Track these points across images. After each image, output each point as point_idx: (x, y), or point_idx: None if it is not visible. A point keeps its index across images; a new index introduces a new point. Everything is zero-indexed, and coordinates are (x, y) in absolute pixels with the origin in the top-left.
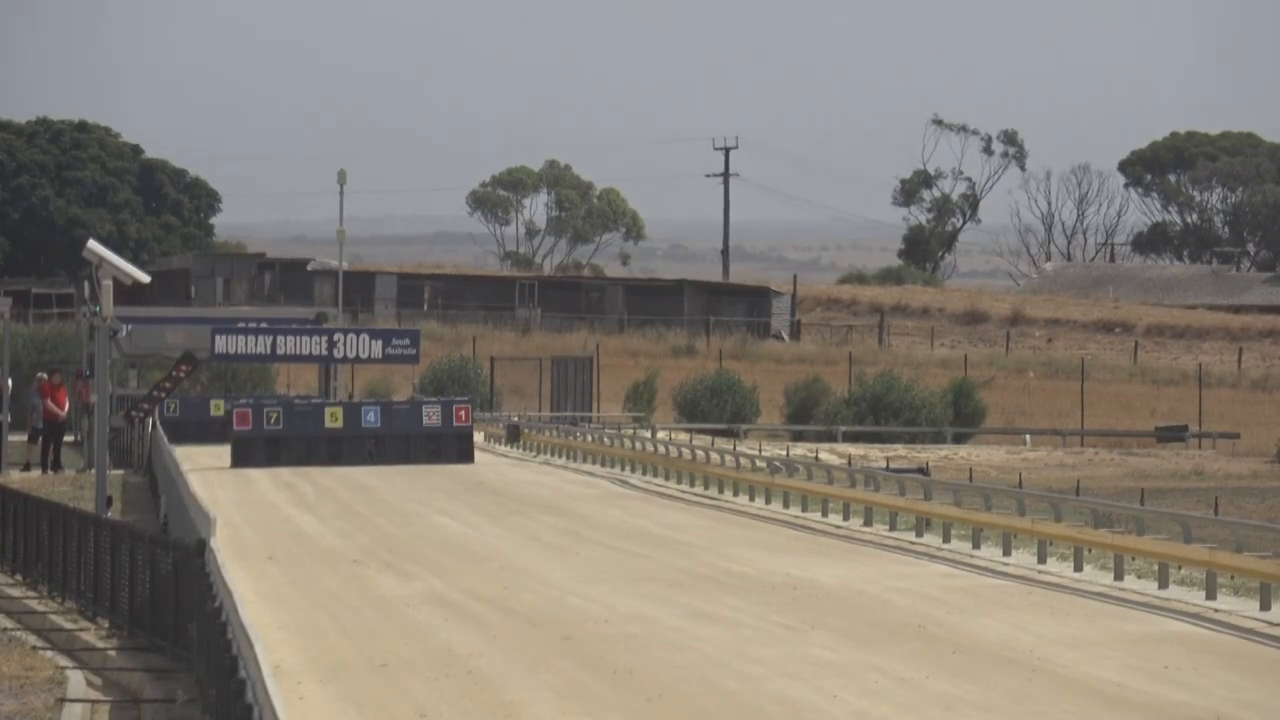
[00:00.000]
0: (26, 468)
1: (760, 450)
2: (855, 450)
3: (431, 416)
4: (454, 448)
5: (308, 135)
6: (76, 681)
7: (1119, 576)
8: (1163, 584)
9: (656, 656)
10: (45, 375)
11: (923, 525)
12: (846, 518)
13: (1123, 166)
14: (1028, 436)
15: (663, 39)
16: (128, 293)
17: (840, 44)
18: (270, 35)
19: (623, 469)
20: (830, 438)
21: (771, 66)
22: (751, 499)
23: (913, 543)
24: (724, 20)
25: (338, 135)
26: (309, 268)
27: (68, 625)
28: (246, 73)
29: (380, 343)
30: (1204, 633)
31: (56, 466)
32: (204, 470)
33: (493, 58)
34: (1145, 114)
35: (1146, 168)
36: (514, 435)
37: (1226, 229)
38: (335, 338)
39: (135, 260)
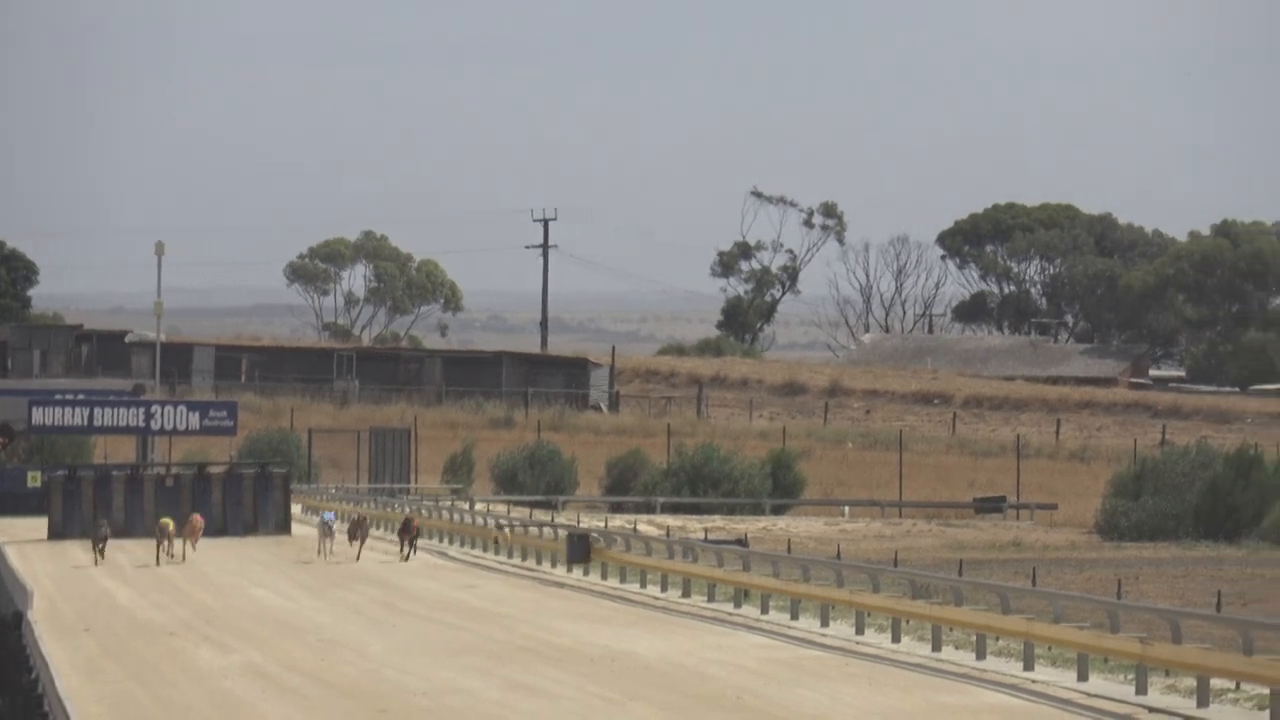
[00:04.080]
0: None
1: (579, 521)
2: (674, 521)
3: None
4: (271, 518)
5: (129, 207)
6: None
7: (937, 647)
8: (980, 655)
9: None
10: None
11: (741, 596)
12: (665, 589)
13: (941, 238)
14: (846, 508)
15: (482, 109)
16: None
17: (661, 114)
18: (93, 104)
19: (441, 540)
20: (649, 509)
21: (592, 137)
22: (570, 570)
23: (731, 614)
24: (543, 91)
25: (159, 207)
26: (126, 340)
27: None
28: (68, 142)
29: (198, 415)
30: (1020, 703)
31: None
32: (21, 543)
33: (312, 129)
34: (966, 185)
35: (965, 239)
36: (581, 553)
37: (1044, 300)
38: (153, 409)
39: None
